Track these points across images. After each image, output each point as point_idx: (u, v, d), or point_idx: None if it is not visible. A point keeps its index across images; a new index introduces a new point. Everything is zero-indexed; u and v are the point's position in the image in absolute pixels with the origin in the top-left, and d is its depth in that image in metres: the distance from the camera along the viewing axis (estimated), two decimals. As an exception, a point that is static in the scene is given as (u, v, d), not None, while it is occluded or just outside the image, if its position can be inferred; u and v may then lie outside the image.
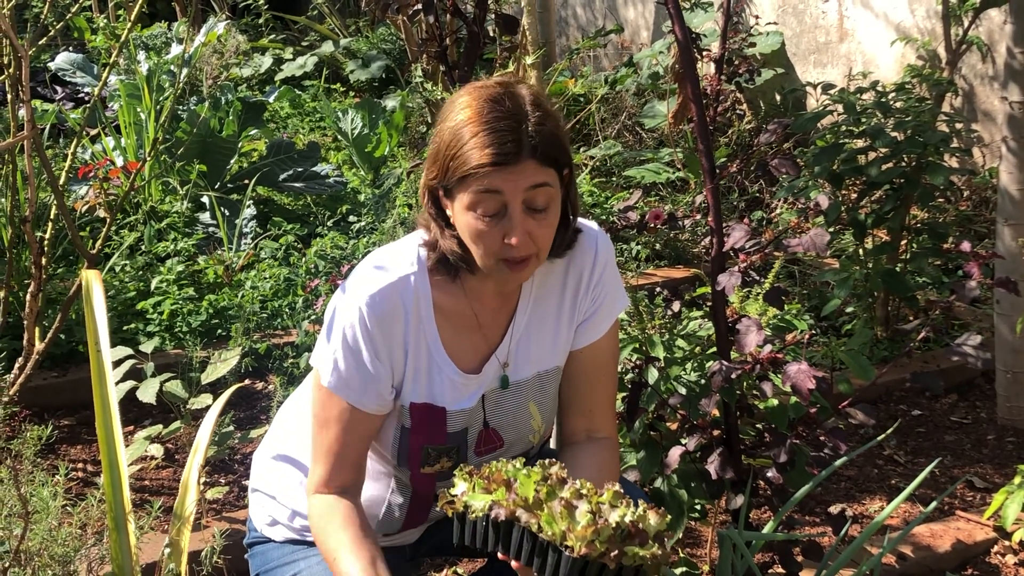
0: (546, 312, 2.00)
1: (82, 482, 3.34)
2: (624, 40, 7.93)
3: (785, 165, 2.37)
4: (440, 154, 1.77)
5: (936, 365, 4.01)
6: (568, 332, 2.02)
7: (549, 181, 1.76)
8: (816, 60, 6.40)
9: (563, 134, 1.80)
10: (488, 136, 1.70)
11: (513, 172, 1.71)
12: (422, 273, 1.89)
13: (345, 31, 9.22)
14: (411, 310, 1.87)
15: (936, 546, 3.01)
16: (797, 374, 2.24)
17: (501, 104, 1.73)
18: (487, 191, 1.72)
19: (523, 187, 1.72)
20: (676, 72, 2.92)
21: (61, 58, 6.44)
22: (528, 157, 1.71)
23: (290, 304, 4.30)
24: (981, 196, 5.30)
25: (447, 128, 1.77)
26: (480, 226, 1.75)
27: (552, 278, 1.99)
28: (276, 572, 2.05)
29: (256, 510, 2.14)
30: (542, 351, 2.00)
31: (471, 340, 1.95)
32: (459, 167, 1.73)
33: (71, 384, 3.81)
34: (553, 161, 1.75)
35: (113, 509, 2.16)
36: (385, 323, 1.84)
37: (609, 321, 2.04)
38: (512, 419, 2.01)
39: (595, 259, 1.99)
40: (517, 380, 1.99)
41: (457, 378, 1.92)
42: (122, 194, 3.61)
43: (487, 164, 1.70)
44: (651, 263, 5.05)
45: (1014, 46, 3.45)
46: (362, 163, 5.97)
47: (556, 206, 1.80)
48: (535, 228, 1.77)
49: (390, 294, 1.85)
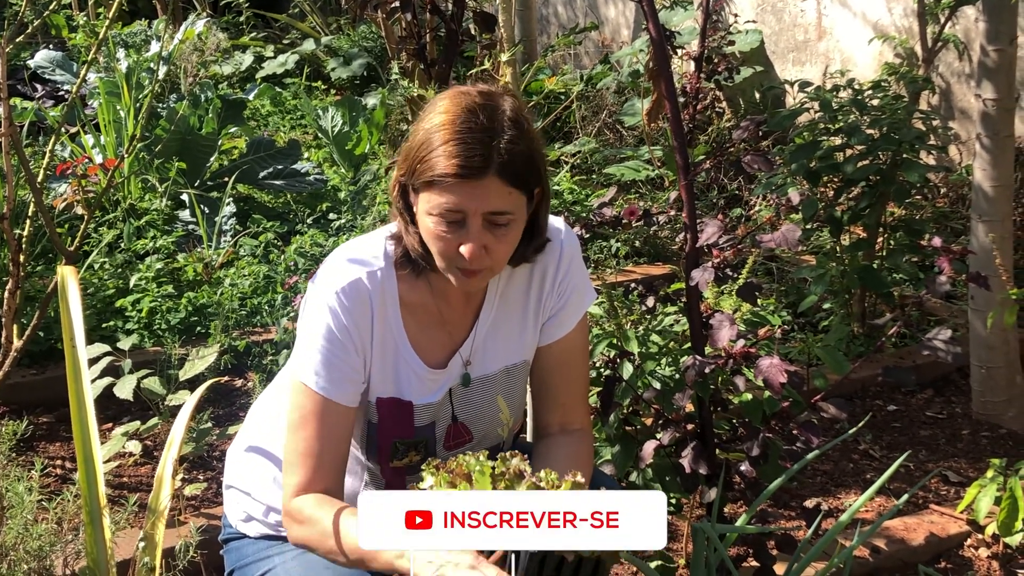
0: (512, 309, 2.01)
1: (60, 479, 3.34)
2: (605, 38, 7.95)
3: (758, 162, 2.38)
4: (411, 153, 1.78)
5: (912, 361, 4.03)
6: (535, 328, 2.03)
7: (510, 209, 1.76)
8: (795, 58, 6.43)
9: (537, 154, 1.80)
10: (457, 146, 1.70)
11: (476, 187, 1.71)
12: (388, 268, 1.90)
13: (326, 29, 9.21)
14: (377, 304, 1.88)
15: (910, 539, 3.03)
16: (769, 368, 2.26)
17: (477, 116, 1.73)
18: (447, 203, 1.73)
19: (484, 208, 1.73)
20: (650, 70, 2.94)
21: (40, 56, 6.43)
22: (494, 174, 1.71)
23: (269, 301, 4.30)
24: (958, 193, 5.34)
25: (422, 129, 1.77)
26: (438, 231, 1.76)
27: (518, 276, 2.00)
28: (251, 568, 2.05)
29: (231, 506, 2.15)
30: (509, 346, 2.02)
31: (437, 335, 1.97)
32: (425, 170, 1.73)
33: (49, 381, 3.81)
34: (521, 182, 1.75)
35: (88, 504, 2.16)
36: (356, 315, 1.86)
37: (577, 316, 2.05)
38: (480, 413, 2.03)
39: (560, 257, 2.00)
40: (483, 375, 2.01)
41: (423, 372, 1.94)
42: (100, 191, 3.60)
43: (451, 175, 1.70)
44: (630, 260, 5.07)
45: (987, 44, 3.47)
46: (342, 161, 5.98)
47: (518, 226, 1.81)
48: (492, 243, 1.77)
49: (359, 287, 1.86)
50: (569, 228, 2.05)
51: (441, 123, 1.74)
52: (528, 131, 1.78)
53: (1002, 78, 3.48)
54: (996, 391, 3.76)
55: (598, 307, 3.41)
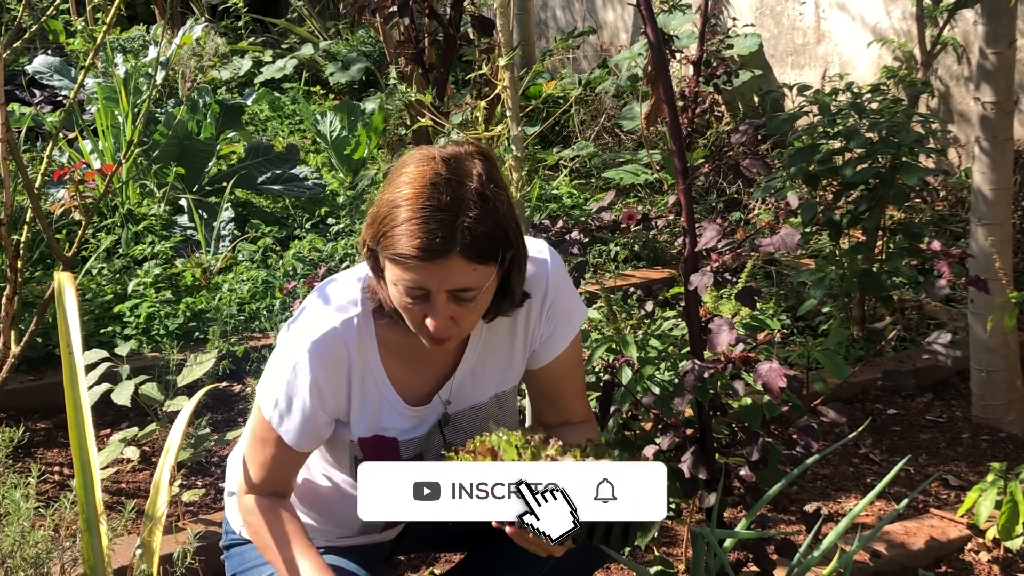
0: (499, 341, 2.00)
1: (57, 485, 3.33)
2: (603, 42, 7.95)
3: (756, 165, 2.38)
4: (376, 222, 1.74)
5: (911, 364, 4.03)
6: (523, 356, 2.03)
7: (475, 284, 1.72)
8: (794, 62, 6.43)
9: (506, 223, 1.74)
10: (419, 226, 1.66)
11: (440, 267, 1.68)
12: (366, 313, 1.89)
13: (325, 34, 9.21)
14: (355, 351, 1.87)
15: (910, 543, 3.02)
16: (768, 373, 2.25)
17: (441, 193, 1.68)
18: (410, 281, 1.71)
19: (447, 287, 1.71)
20: (649, 74, 2.93)
21: (38, 61, 6.42)
22: (458, 254, 1.67)
23: (268, 307, 4.30)
24: (957, 196, 5.33)
25: (386, 199, 1.73)
26: (402, 302, 1.76)
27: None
28: (252, 572, 2.06)
29: (232, 512, 2.15)
30: (498, 376, 2.03)
31: (419, 374, 1.97)
32: (388, 246, 1.70)
33: (47, 387, 3.80)
34: (486, 257, 1.71)
35: (85, 511, 2.16)
36: (329, 368, 1.86)
37: (567, 338, 2.04)
38: (472, 437, 2.03)
39: (546, 288, 1.98)
40: (474, 404, 2.02)
41: (404, 411, 1.95)
42: (98, 197, 3.60)
43: (412, 256, 1.67)
44: (629, 264, 5.07)
45: (986, 47, 3.47)
46: (341, 165, 5.97)
47: (487, 295, 1.78)
48: (459, 314, 1.76)
49: (333, 340, 1.85)
50: (553, 252, 2.02)
51: (405, 197, 1.69)
52: (495, 204, 1.71)
53: (1001, 81, 3.48)
54: (996, 395, 3.76)
55: (596, 311, 3.40)
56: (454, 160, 1.73)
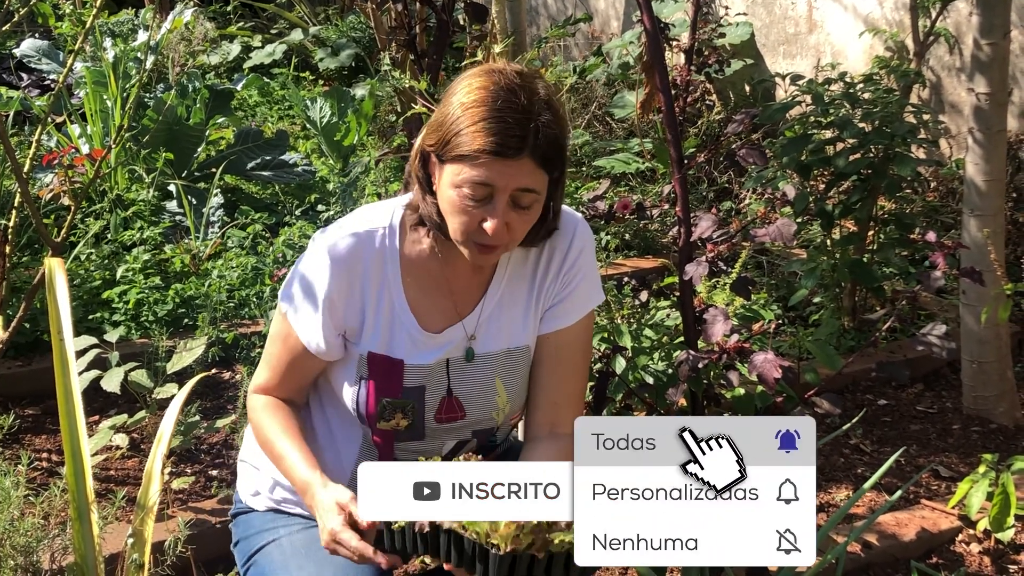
0: (517, 291, 2.01)
1: (47, 472, 3.32)
2: (594, 30, 7.93)
3: (752, 155, 2.37)
4: (444, 124, 1.79)
5: (903, 355, 4.03)
6: (536, 314, 2.02)
7: (538, 188, 1.79)
8: (785, 51, 6.42)
9: (565, 139, 1.83)
10: (496, 124, 1.73)
11: (510, 166, 1.74)
12: (393, 231, 1.94)
13: (314, 19, 9.17)
14: (373, 262, 1.92)
15: (901, 535, 3.03)
16: (763, 364, 2.24)
17: (517, 97, 1.76)
18: (479, 177, 1.75)
19: (514, 185, 1.76)
20: (644, 62, 2.92)
21: (26, 45, 6.38)
22: (528, 155, 1.75)
23: (257, 293, 4.28)
24: (948, 187, 5.33)
25: (457, 102, 1.79)
26: (463, 204, 1.78)
27: (527, 258, 2.01)
28: (256, 538, 2.06)
29: (242, 481, 2.17)
30: (512, 328, 2.01)
31: (439, 302, 1.98)
32: (460, 144, 1.75)
33: (36, 373, 3.78)
34: (550, 164, 1.79)
35: (76, 499, 2.14)
36: (342, 272, 1.90)
37: (580, 312, 2.03)
38: (477, 392, 2.01)
39: (570, 246, 2.00)
40: (486, 352, 2.00)
41: (417, 335, 1.95)
42: (87, 182, 3.57)
43: (488, 151, 1.73)
44: (620, 253, 5.06)
45: (980, 37, 3.46)
46: (331, 152, 5.95)
47: (539, 206, 1.84)
48: (514, 221, 1.80)
49: (353, 246, 1.90)
50: (585, 222, 2.05)
51: (480, 99, 1.76)
52: (560, 115, 1.81)
53: (995, 72, 3.47)
54: (987, 386, 3.76)
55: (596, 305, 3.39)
56: (523, 73, 1.82)
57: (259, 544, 2.04)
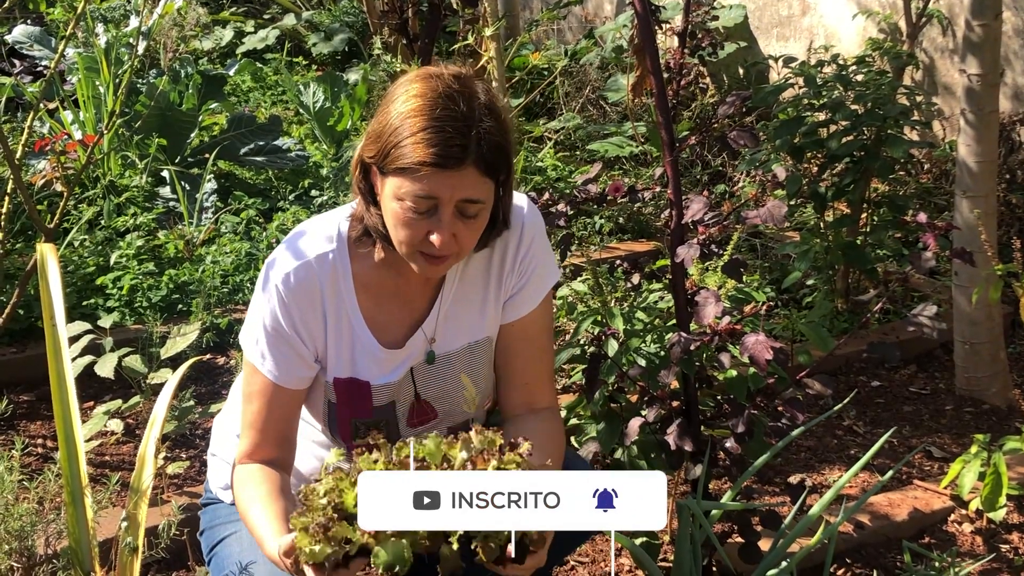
0: (472, 287, 2.00)
1: (41, 457, 3.32)
2: (587, 13, 7.91)
3: (744, 137, 2.37)
4: (383, 135, 1.74)
5: (895, 336, 4.04)
6: (496, 306, 2.02)
7: (484, 197, 1.75)
8: (779, 33, 6.41)
9: (509, 143, 1.78)
10: (436, 135, 1.68)
11: (453, 177, 1.70)
12: (341, 249, 1.90)
13: (307, 4, 9.13)
14: (328, 286, 1.88)
15: (894, 515, 3.04)
16: (755, 345, 2.25)
17: (456, 104, 1.71)
18: (421, 191, 1.71)
19: (459, 196, 1.72)
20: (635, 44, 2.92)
21: (18, 31, 6.36)
22: (471, 164, 1.70)
23: (251, 279, 4.28)
24: (941, 169, 5.34)
25: (395, 111, 1.73)
26: (406, 217, 1.74)
27: (479, 254, 1.98)
28: (219, 528, 2.08)
29: (212, 473, 2.18)
30: (471, 323, 2.01)
31: (396, 314, 1.96)
32: (400, 157, 1.70)
33: (30, 360, 3.78)
34: (493, 171, 1.74)
35: (70, 483, 2.15)
36: (302, 301, 1.86)
37: (539, 295, 2.03)
38: (444, 391, 2.02)
39: (521, 235, 1.98)
40: (447, 352, 2.00)
41: (379, 353, 1.94)
42: (80, 168, 3.57)
43: (429, 163, 1.68)
44: (614, 237, 5.06)
45: (972, 19, 3.46)
46: (324, 137, 5.94)
47: (486, 213, 1.80)
48: (462, 231, 1.76)
49: (306, 273, 1.86)
50: (532, 205, 2.02)
51: (418, 108, 1.70)
52: (501, 119, 1.76)
53: (987, 53, 3.47)
54: (980, 367, 3.77)
55: (582, 284, 3.40)
56: (461, 76, 1.76)
57: (222, 535, 2.06)
